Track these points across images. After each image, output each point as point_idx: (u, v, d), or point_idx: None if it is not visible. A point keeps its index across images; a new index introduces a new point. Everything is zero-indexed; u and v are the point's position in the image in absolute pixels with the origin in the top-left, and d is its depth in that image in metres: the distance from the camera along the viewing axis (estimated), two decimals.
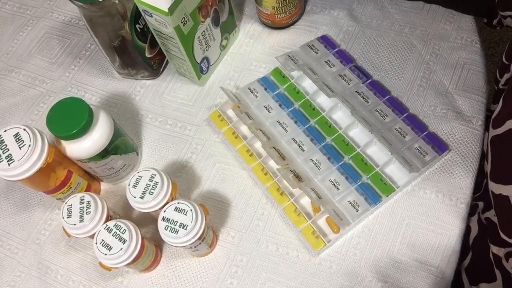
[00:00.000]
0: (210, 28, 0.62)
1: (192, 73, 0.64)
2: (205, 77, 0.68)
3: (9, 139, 0.50)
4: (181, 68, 0.65)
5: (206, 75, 0.67)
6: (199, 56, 0.63)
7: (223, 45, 0.68)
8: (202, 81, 0.67)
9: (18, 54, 0.76)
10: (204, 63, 0.64)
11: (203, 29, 0.60)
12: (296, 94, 0.64)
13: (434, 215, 0.56)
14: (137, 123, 0.67)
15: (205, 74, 0.67)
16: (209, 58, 0.65)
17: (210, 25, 0.61)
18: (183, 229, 0.48)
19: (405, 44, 0.67)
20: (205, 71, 0.66)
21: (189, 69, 0.64)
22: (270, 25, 0.70)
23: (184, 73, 0.66)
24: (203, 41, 0.62)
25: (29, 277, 0.59)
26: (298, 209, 0.56)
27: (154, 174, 0.51)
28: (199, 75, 0.65)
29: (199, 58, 0.63)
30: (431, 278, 0.53)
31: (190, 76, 0.66)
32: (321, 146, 0.59)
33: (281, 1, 0.64)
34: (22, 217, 0.63)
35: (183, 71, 0.66)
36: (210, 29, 0.62)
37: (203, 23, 0.60)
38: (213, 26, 0.63)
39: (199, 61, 0.63)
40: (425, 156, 0.57)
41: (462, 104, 0.61)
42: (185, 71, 0.65)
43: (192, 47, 0.60)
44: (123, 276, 0.57)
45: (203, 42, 0.62)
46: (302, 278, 0.54)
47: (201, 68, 0.65)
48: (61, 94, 0.71)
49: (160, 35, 0.59)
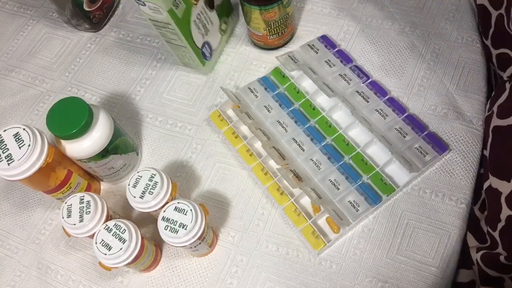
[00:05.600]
0: (205, 11, 0.62)
1: (196, 60, 0.64)
2: (210, 64, 0.67)
3: (9, 138, 0.50)
4: (184, 58, 0.65)
5: (210, 62, 0.67)
6: (199, 41, 0.63)
7: (223, 30, 0.68)
8: (207, 68, 0.67)
9: (18, 54, 0.76)
10: (206, 49, 0.65)
11: (198, 12, 0.61)
12: (296, 94, 0.64)
13: (434, 215, 0.55)
14: (137, 123, 0.67)
15: (209, 60, 0.67)
16: (210, 43, 0.66)
17: (204, 8, 0.62)
18: (183, 229, 0.48)
19: (405, 43, 0.67)
20: (208, 57, 0.66)
21: (192, 56, 0.64)
22: (262, 47, 0.69)
23: (189, 62, 0.66)
24: (200, 25, 0.62)
25: (29, 277, 0.59)
26: (298, 209, 0.56)
27: (154, 174, 0.51)
28: (203, 61, 0.65)
29: (199, 43, 0.63)
30: (431, 278, 0.53)
31: (194, 64, 0.66)
32: (321, 146, 0.59)
33: (272, 22, 0.63)
34: (22, 217, 0.63)
35: (187, 61, 0.66)
36: (205, 12, 0.62)
37: (196, 5, 0.60)
38: (208, 9, 0.63)
39: (200, 46, 0.64)
40: (425, 156, 0.57)
41: (463, 104, 0.61)
42: (189, 59, 0.65)
43: (190, 32, 0.60)
44: (123, 276, 0.57)
45: (200, 25, 0.62)
46: (302, 278, 0.54)
47: (204, 53, 0.65)
48: (61, 94, 0.71)
49: (157, 24, 0.59)
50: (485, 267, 0.52)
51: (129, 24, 0.75)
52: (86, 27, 0.74)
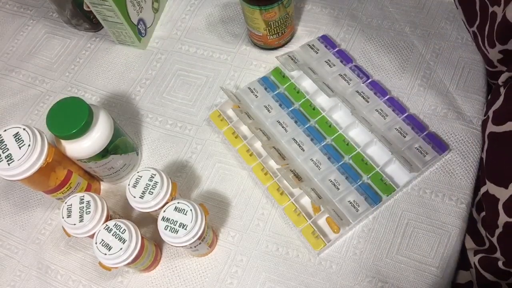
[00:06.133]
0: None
1: (132, 36, 0.68)
2: (145, 40, 0.72)
3: (9, 138, 0.50)
4: (120, 35, 0.69)
5: (145, 38, 0.72)
6: (135, 17, 0.66)
7: (155, 8, 0.72)
8: (142, 44, 0.71)
9: (18, 54, 0.76)
10: (141, 25, 0.68)
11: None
12: (296, 94, 0.64)
13: (434, 215, 0.55)
14: (137, 123, 0.67)
15: (144, 37, 0.71)
16: (144, 20, 0.69)
17: None
18: (183, 229, 0.47)
19: (405, 43, 0.67)
20: (143, 33, 0.70)
21: (129, 33, 0.67)
22: (262, 46, 0.69)
23: (125, 39, 0.70)
24: (135, 2, 0.66)
25: (29, 277, 0.59)
26: (298, 209, 0.56)
27: (154, 174, 0.51)
28: (139, 37, 0.69)
29: (135, 20, 0.67)
30: (431, 278, 0.53)
31: (130, 41, 0.70)
32: (321, 146, 0.59)
33: (272, 22, 0.63)
34: (22, 217, 0.63)
35: (123, 38, 0.69)
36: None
37: None
38: None
39: (136, 23, 0.67)
40: (425, 156, 0.57)
41: (463, 104, 0.61)
42: (125, 36, 0.68)
43: (125, 8, 0.64)
44: (123, 276, 0.57)
45: (135, 3, 0.66)
46: (302, 278, 0.54)
47: (139, 30, 0.68)
48: (61, 94, 0.71)
49: (94, 2, 0.62)
50: (483, 271, 0.51)
51: None
52: (86, 27, 0.74)
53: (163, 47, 0.72)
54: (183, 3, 0.76)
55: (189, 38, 0.72)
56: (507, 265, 0.49)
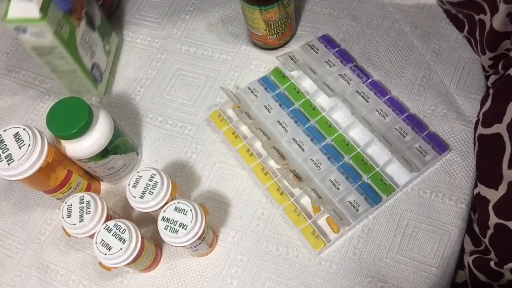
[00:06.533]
0: (88, 32, 0.62)
1: (88, 84, 0.63)
2: (102, 86, 0.67)
3: (9, 138, 0.50)
4: (74, 85, 0.64)
5: (102, 84, 0.67)
6: (88, 63, 0.62)
7: (106, 50, 0.68)
8: (99, 91, 0.67)
9: (18, 54, 0.76)
10: (96, 70, 0.64)
11: (82, 33, 0.60)
12: (296, 94, 0.64)
13: (434, 215, 0.55)
14: (137, 123, 0.67)
15: (99, 83, 0.66)
16: (98, 64, 0.65)
17: (86, 29, 0.61)
18: (183, 229, 0.48)
19: (405, 43, 0.67)
20: (99, 80, 0.66)
21: (83, 80, 0.62)
22: (262, 46, 0.69)
23: (79, 89, 0.64)
24: (87, 46, 0.61)
25: (29, 277, 0.59)
26: (298, 209, 0.56)
27: (154, 174, 0.51)
28: (95, 84, 0.65)
29: (89, 65, 0.62)
30: (431, 278, 0.53)
31: (86, 89, 0.65)
32: (321, 146, 0.59)
33: (272, 22, 0.63)
34: (22, 217, 0.63)
35: (76, 88, 0.64)
36: (88, 33, 0.62)
37: (79, 27, 0.59)
38: (90, 30, 0.63)
39: (90, 69, 0.63)
40: (425, 156, 0.57)
41: (463, 104, 0.61)
42: (79, 86, 0.64)
43: (78, 54, 0.59)
44: (123, 276, 0.57)
45: (87, 47, 0.61)
46: (302, 278, 0.54)
47: (95, 76, 0.64)
48: (61, 94, 0.71)
49: (42, 52, 0.56)
50: (476, 271, 0.52)
51: (129, 25, 0.75)
52: None
53: (163, 47, 0.72)
54: (183, 3, 0.76)
55: (189, 38, 0.73)
56: (499, 265, 0.49)
